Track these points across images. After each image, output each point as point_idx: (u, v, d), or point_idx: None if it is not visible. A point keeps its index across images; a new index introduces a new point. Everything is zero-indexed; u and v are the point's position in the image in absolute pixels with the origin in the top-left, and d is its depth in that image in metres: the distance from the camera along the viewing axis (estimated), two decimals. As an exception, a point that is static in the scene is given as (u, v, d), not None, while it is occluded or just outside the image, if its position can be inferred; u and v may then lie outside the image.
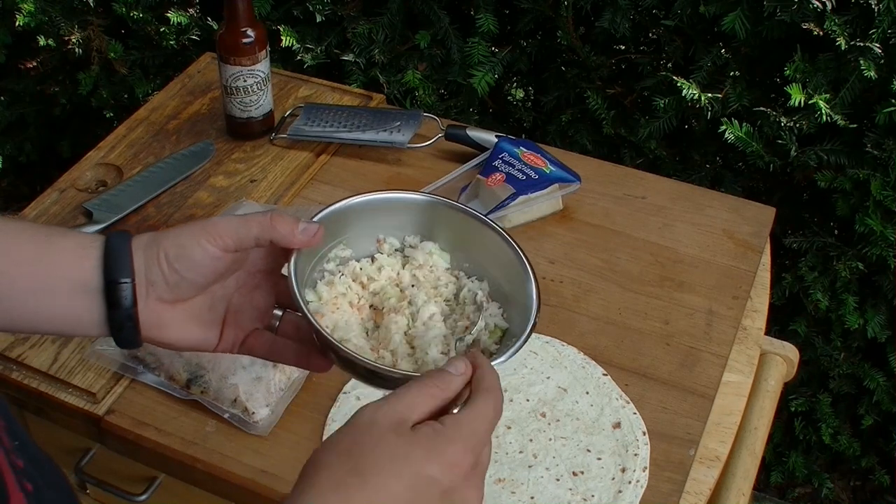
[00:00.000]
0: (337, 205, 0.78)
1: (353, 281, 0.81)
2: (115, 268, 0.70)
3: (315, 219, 0.74)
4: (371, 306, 0.81)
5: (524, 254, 0.79)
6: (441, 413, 0.62)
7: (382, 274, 0.82)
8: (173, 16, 1.91)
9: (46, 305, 0.70)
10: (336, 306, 0.79)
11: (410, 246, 0.83)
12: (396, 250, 0.83)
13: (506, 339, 0.79)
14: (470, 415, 0.62)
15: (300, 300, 0.71)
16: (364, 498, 0.57)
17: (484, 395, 0.63)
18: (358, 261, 0.82)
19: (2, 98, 2.34)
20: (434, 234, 0.83)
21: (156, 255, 0.71)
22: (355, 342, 0.77)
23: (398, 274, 0.82)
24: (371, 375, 0.71)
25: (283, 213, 0.73)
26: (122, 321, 0.71)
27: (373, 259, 0.83)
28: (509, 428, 1.01)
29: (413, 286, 0.82)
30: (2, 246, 0.70)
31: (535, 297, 0.77)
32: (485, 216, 0.82)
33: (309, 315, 0.71)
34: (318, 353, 0.76)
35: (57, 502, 0.63)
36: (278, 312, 0.78)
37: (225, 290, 0.75)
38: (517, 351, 0.73)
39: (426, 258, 0.82)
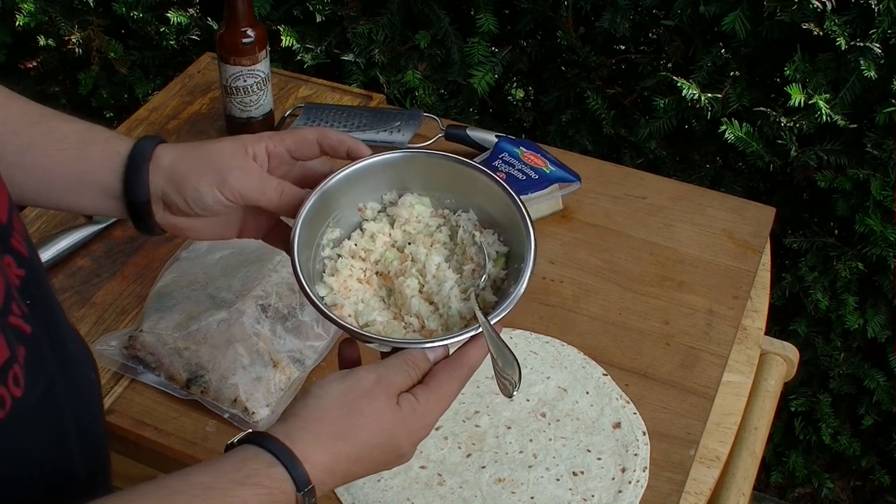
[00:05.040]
0: (310, 199, 0.80)
1: (353, 258, 0.83)
2: (133, 190, 0.80)
3: (299, 221, 0.79)
4: (377, 273, 0.83)
5: (493, 173, 0.81)
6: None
7: (377, 242, 0.83)
8: (173, 16, 1.91)
9: (82, 199, 0.82)
10: (348, 289, 0.81)
11: (391, 203, 0.85)
12: (379, 212, 0.85)
13: (511, 261, 0.80)
14: (442, 399, 0.73)
15: (319, 306, 0.75)
16: (346, 449, 0.69)
17: (451, 383, 0.74)
18: (350, 238, 0.84)
19: (2, 98, 2.34)
20: (407, 184, 0.85)
21: (175, 188, 0.80)
22: (380, 319, 0.79)
23: (390, 235, 0.84)
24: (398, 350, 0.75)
25: (292, 191, 0.80)
26: (144, 225, 0.82)
27: (361, 229, 0.84)
28: (509, 428, 1.01)
29: (410, 243, 0.83)
30: (47, 147, 0.80)
31: (522, 210, 0.79)
32: (442, 153, 0.84)
33: (334, 318, 0.75)
34: None
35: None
36: None
37: (240, 210, 0.84)
38: (530, 273, 0.76)
39: (409, 211, 0.84)
